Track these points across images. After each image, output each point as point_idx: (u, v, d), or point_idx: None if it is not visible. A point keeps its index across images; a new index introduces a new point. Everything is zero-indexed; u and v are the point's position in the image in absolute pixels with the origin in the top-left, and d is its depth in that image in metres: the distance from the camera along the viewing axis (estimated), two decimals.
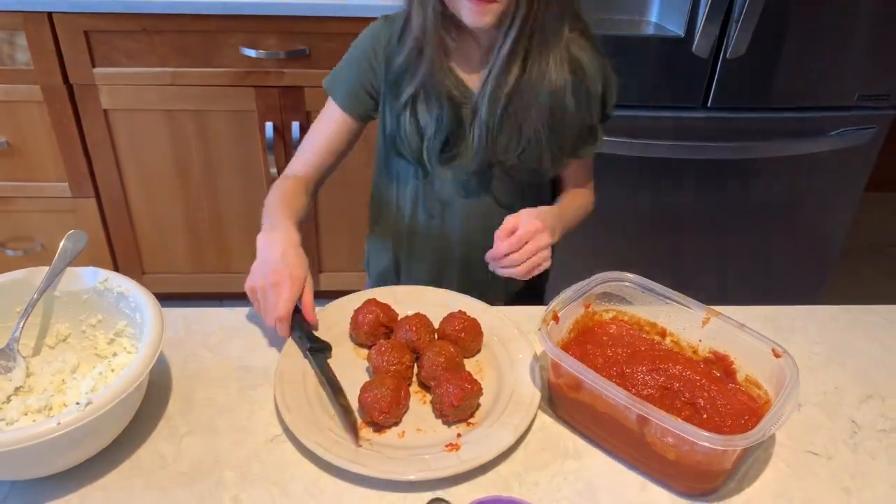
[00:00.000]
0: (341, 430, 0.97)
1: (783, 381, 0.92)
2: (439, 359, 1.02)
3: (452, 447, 0.95)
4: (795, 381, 0.91)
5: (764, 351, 0.97)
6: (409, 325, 1.07)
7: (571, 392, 0.97)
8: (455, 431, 0.98)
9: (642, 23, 1.98)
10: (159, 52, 2.04)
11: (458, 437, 0.97)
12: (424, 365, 1.03)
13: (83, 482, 0.90)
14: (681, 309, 1.05)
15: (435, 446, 0.95)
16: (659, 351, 1.06)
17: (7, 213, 2.29)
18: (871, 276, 2.90)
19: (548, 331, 0.97)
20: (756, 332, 0.99)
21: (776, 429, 0.86)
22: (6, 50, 2.00)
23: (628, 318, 1.10)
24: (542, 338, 0.96)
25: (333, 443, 0.93)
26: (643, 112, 2.00)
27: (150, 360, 0.89)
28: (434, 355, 1.02)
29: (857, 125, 2.04)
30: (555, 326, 1.01)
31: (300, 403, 0.99)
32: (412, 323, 1.08)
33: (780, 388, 0.92)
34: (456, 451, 0.94)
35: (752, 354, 0.99)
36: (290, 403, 0.98)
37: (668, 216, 2.18)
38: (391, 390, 0.97)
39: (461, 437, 0.97)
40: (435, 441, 0.97)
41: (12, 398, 0.97)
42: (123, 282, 1.01)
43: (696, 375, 1.00)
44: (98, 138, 2.17)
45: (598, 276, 1.08)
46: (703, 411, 0.96)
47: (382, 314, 1.09)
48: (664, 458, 0.90)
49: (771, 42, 1.91)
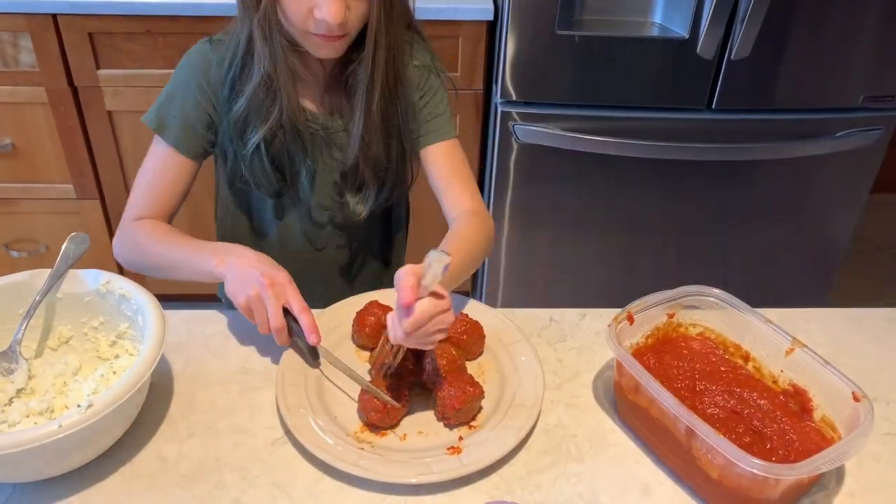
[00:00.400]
0: (343, 432, 0.96)
1: (857, 426, 0.88)
2: (441, 361, 1.01)
3: (454, 450, 0.94)
4: (867, 428, 0.86)
5: (844, 393, 0.92)
6: None
7: (631, 394, 0.97)
8: (457, 434, 0.98)
9: (646, 24, 1.98)
10: (164, 54, 2.04)
11: (459, 440, 0.97)
12: (426, 367, 1.03)
13: (84, 484, 0.90)
14: (767, 333, 1.02)
15: (437, 449, 0.95)
16: (738, 374, 1.03)
17: (11, 214, 2.29)
18: (877, 277, 2.89)
19: (617, 330, 0.98)
20: (839, 372, 0.94)
21: (828, 468, 0.83)
22: (11, 52, 2.01)
23: (714, 336, 1.08)
24: (609, 335, 0.96)
25: (335, 445, 0.93)
26: (647, 114, 2.00)
27: (151, 362, 0.89)
28: (436, 358, 1.02)
29: (862, 127, 2.03)
30: (627, 327, 1.01)
31: (302, 406, 0.98)
32: None
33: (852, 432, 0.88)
34: (458, 455, 0.93)
35: (831, 394, 0.94)
36: (291, 405, 0.98)
37: (673, 217, 2.18)
38: (391, 392, 0.97)
39: (463, 440, 0.97)
40: (437, 444, 0.96)
41: (14, 400, 0.97)
42: (125, 284, 1.01)
43: (772, 405, 0.98)
44: (102, 140, 2.18)
45: (684, 287, 1.06)
46: (768, 441, 0.93)
47: (384, 316, 1.09)
48: (707, 474, 0.88)
49: (776, 43, 1.90)
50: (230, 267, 1.05)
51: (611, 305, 1.21)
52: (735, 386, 1.01)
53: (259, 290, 1.01)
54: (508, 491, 0.91)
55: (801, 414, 0.97)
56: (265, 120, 1.14)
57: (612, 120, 1.99)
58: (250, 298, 1.01)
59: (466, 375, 1.01)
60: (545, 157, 2.03)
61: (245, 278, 1.02)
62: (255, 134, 1.15)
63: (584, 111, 1.99)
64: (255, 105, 1.13)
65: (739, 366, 1.05)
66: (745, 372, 1.04)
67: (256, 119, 1.15)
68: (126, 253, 1.20)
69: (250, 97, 1.12)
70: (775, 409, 0.97)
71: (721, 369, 1.04)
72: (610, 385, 1.07)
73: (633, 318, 1.01)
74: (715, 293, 1.06)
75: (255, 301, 1.01)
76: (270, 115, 1.14)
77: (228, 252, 1.08)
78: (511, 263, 2.24)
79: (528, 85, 1.96)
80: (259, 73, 1.10)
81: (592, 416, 1.03)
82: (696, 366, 1.04)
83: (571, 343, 1.15)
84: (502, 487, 0.92)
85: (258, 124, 1.14)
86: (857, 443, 0.85)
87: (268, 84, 1.11)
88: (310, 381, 1.03)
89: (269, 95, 1.12)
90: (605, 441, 0.99)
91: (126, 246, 1.19)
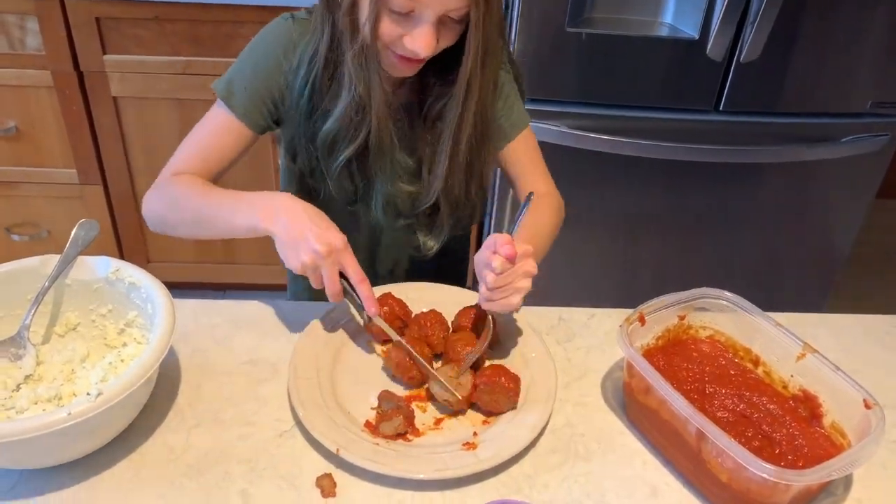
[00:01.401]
0: (357, 426, 0.96)
1: (868, 434, 0.88)
2: (468, 347, 1.02)
3: (469, 446, 0.94)
4: (878, 436, 0.86)
5: (855, 399, 0.92)
6: (424, 321, 1.07)
7: (640, 395, 0.97)
8: (471, 430, 0.97)
9: (656, 24, 1.97)
10: (171, 40, 2.03)
11: (474, 435, 0.96)
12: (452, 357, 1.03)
13: (91, 472, 0.90)
14: (777, 337, 1.02)
15: (452, 444, 0.95)
16: (748, 378, 1.03)
17: (14, 198, 2.28)
18: (880, 283, 2.90)
19: (629, 330, 0.97)
20: (850, 378, 0.94)
21: (839, 475, 0.83)
22: (17, 34, 1.99)
23: (724, 339, 1.08)
24: (621, 336, 0.96)
25: (350, 441, 0.93)
26: (654, 114, 1.99)
27: (161, 352, 0.89)
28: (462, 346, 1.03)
29: (869, 132, 2.03)
30: (638, 328, 1.01)
31: (315, 400, 0.98)
32: (427, 318, 1.07)
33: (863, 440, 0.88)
34: (473, 450, 0.93)
35: (842, 400, 0.94)
36: (304, 399, 0.97)
37: (676, 218, 2.18)
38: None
39: (477, 435, 0.96)
40: (451, 439, 0.96)
41: (22, 386, 0.96)
42: (135, 272, 1.01)
43: (781, 410, 0.98)
44: (107, 125, 2.17)
45: (696, 289, 1.06)
46: (777, 446, 0.93)
47: (398, 308, 1.09)
48: (717, 478, 0.88)
49: (785, 47, 1.90)
50: (282, 226, 1.00)
51: (610, 305, 1.21)
52: (744, 390, 1.00)
53: (314, 259, 0.98)
54: (517, 489, 0.91)
55: (811, 419, 0.97)
56: (353, 139, 1.12)
57: (618, 119, 1.99)
58: (305, 265, 0.98)
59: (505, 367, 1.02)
60: (549, 154, 2.00)
61: (299, 242, 0.98)
62: (343, 151, 1.13)
63: (591, 109, 1.98)
64: (344, 124, 1.11)
65: (749, 370, 1.05)
66: (754, 376, 1.04)
67: (345, 138, 1.13)
68: (160, 209, 1.14)
69: (340, 117, 1.10)
70: (784, 413, 0.97)
71: (730, 372, 1.04)
72: (619, 385, 1.06)
73: (644, 320, 1.01)
74: (727, 296, 1.06)
75: (310, 268, 0.99)
76: (359, 135, 1.12)
77: (275, 207, 1.01)
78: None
79: (535, 82, 1.95)
80: (350, 94, 1.08)
81: (601, 417, 1.03)
82: (705, 368, 1.04)
83: (580, 342, 1.14)
84: (510, 486, 0.91)
85: (347, 143, 1.13)
86: (869, 450, 0.85)
87: (358, 106, 1.09)
88: (322, 376, 1.02)
89: (359, 116, 1.10)
90: (614, 441, 0.99)
91: (161, 202, 1.14)
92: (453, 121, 1.11)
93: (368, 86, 1.06)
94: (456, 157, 1.14)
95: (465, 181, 1.18)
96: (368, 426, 0.96)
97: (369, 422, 0.97)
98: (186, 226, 1.14)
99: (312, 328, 1.09)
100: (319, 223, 1.00)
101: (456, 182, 1.17)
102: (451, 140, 1.12)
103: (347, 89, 1.08)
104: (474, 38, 1.02)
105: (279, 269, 2.57)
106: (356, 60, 1.05)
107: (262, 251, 2.43)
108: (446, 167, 1.15)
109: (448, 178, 1.16)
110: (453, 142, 1.13)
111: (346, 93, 1.08)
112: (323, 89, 1.12)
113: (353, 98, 1.08)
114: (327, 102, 1.12)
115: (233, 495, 0.88)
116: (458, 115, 1.10)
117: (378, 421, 0.96)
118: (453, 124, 1.11)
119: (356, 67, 1.05)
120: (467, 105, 1.09)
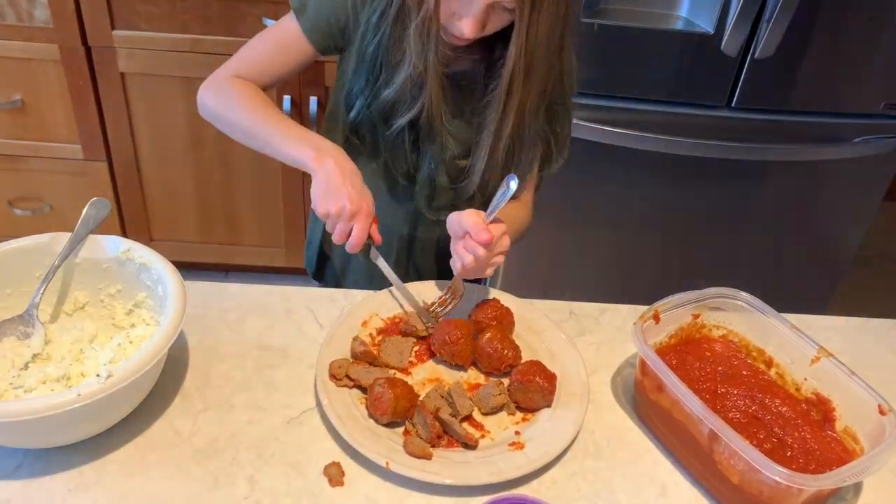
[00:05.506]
0: (398, 436, 0.94)
1: (882, 440, 0.87)
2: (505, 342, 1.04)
3: (517, 446, 0.93)
4: (893, 442, 0.85)
5: (869, 404, 0.91)
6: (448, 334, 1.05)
7: (653, 393, 0.97)
8: (513, 429, 0.97)
9: (672, 17, 1.95)
10: (181, 18, 2.01)
11: (517, 434, 0.96)
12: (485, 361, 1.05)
13: (97, 454, 0.89)
14: (792, 340, 1.01)
15: (498, 446, 0.94)
16: (760, 380, 1.02)
17: (17, 171, 2.26)
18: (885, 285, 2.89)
19: (643, 328, 0.97)
20: (865, 383, 0.93)
21: (853, 480, 0.83)
22: (26, 7, 1.97)
23: (738, 339, 1.07)
24: (636, 333, 0.96)
25: (396, 452, 0.91)
26: (666, 108, 1.97)
27: (172, 335, 0.88)
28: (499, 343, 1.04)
29: (880, 133, 2.02)
30: (653, 326, 1.01)
31: (352, 415, 0.95)
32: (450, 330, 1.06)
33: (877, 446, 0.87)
34: (521, 450, 0.92)
35: (855, 405, 0.93)
36: (340, 413, 0.94)
37: (682, 214, 2.16)
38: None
39: (520, 434, 0.96)
40: (497, 441, 0.95)
41: (30, 365, 0.96)
42: (146, 253, 1.00)
43: (793, 413, 0.97)
44: (113, 102, 2.15)
45: (712, 289, 1.06)
46: (788, 449, 0.93)
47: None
48: (728, 479, 0.88)
49: (801, 44, 1.88)
50: (327, 172, 1.04)
51: (614, 301, 1.20)
52: (757, 391, 1.00)
53: (340, 212, 1.03)
54: (526, 485, 0.91)
55: (823, 423, 0.97)
56: (409, 109, 1.14)
57: (628, 112, 1.97)
58: (329, 214, 1.04)
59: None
60: None
61: (334, 193, 1.04)
62: (399, 119, 1.15)
63: (601, 101, 1.97)
64: (402, 94, 1.13)
65: (761, 371, 1.04)
66: (766, 377, 1.03)
67: (402, 106, 1.14)
68: (214, 105, 1.17)
69: (399, 88, 1.12)
70: (797, 416, 0.97)
71: (743, 373, 1.03)
72: (629, 382, 1.06)
73: (659, 317, 1.00)
74: (743, 296, 1.05)
75: (334, 218, 1.04)
76: (415, 105, 1.13)
77: (328, 153, 1.06)
78: (518, 255, 2.21)
79: None
80: (409, 68, 1.09)
81: (611, 413, 1.02)
82: (717, 368, 1.03)
83: (591, 338, 1.14)
84: (518, 481, 0.91)
85: (403, 112, 1.14)
86: (884, 456, 0.84)
87: (416, 80, 1.10)
88: (354, 393, 1.00)
89: (416, 88, 1.11)
90: (623, 439, 0.98)
91: (217, 98, 1.17)
92: (494, 118, 1.12)
93: (426, 60, 1.08)
94: (495, 153, 1.15)
95: (502, 175, 1.17)
96: (406, 435, 0.95)
97: (407, 430, 0.96)
98: (237, 132, 1.17)
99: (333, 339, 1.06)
100: (356, 184, 1.06)
101: (493, 179, 1.18)
102: (492, 136, 1.13)
103: (408, 62, 1.10)
104: (517, 38, 1.03)
105: (282, 252, 2.56)
106: (417, 32, 1.06)
107: (265, 234, 2.42)
108: (485, 162, 1.16)
109: (486, 173, 1.17)
110: (493, 142, 1.14)
111: (406, 66, 1.10)
112: (390, 50, 1.12)
113: (411, 73, 1.10)
114: (390, 71, 1.13)
115: (240, 481, 0.88)
116: (500, 112, 1.11)
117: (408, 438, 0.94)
118: (495, 121, 1.12)
119: (416, 42, 1.07)
120: (508, 107, 1.10)
